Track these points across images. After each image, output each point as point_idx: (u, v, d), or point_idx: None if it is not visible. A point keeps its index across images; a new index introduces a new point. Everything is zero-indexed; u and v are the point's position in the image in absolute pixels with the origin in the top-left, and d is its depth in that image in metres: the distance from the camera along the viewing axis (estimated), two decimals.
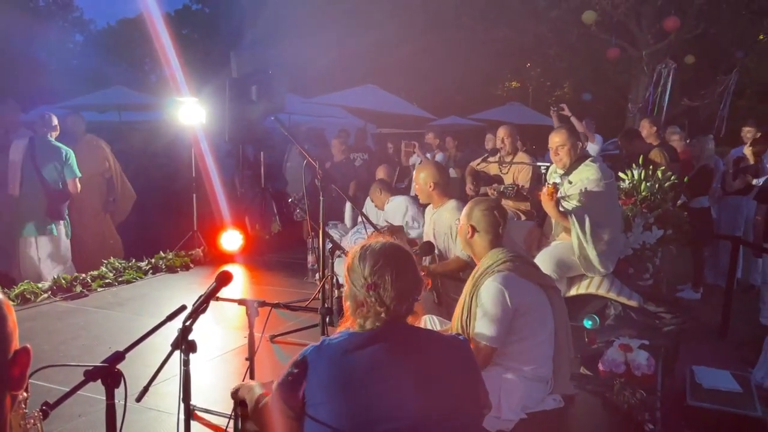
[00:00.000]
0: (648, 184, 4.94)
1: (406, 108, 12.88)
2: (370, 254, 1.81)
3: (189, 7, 28.90)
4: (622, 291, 4.10)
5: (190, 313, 2.05)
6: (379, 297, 1.74)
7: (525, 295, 2.56)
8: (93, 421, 2.83)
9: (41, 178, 5.39)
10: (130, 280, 5.48)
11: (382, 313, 1.74)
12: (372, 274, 1.77)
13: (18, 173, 5.34)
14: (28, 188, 5.37)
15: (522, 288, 2.56)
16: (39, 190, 5.38)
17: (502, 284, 2.53)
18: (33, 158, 5.37)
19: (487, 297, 2.53)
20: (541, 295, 2.64)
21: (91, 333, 4.14)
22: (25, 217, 5.39)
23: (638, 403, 2.75)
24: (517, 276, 2.58)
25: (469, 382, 1.80)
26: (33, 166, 5.36)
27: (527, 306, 2.56)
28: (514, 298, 2.51)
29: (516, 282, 2.56)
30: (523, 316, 2.55)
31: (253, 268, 6.07)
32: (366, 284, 1.77)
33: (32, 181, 5.37)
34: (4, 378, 0.97)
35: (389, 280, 1.74)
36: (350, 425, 1.64)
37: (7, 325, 0.98)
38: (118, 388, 1.72)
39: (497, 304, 2.51)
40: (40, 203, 5.39)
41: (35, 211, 5.40)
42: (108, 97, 12.24)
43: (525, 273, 2.62)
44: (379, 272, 1.76)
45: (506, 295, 2.50)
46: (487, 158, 5.49)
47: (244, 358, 2.71)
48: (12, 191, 5.37)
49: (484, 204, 2.81)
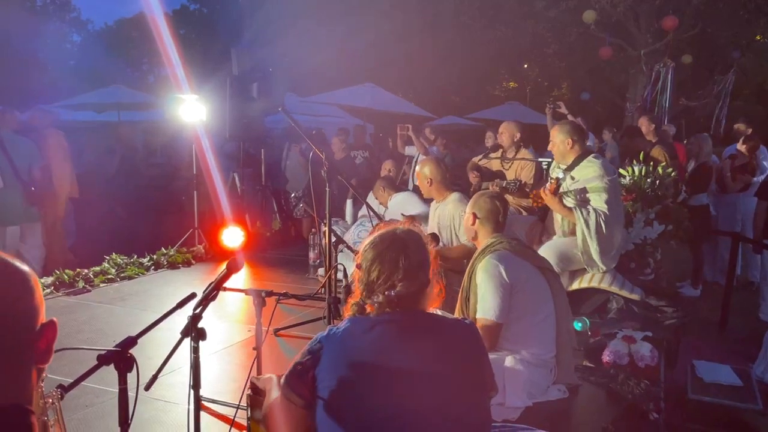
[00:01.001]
0: (649, 180, 4.98)
1: (404, 107, 12.89)
2: (380, 239, 1.83)
3: (187, 7, 28.90)
4: (624, 285, 4.13)
5: (200, 301, 2.05)
6: (385, 280, 1.75)
7: (520, 271, 2.66)
8: (100, 412, 2.83)
9: (15, 170, 5.57)
10: (132, 276, 5.48)
11: (389, 297, 1.75)
12: (379, 258, 1.78)
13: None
14: (6, 180, 5.54)
15: (517, 265, 2.67)
16: (15, 179, 5.57)
17: (497, 260, 2.66)
18: (5, 152, 5.54)
19: (485, 273, 2.64)
20: (538, 276, 2.73)
21: (94, 327, 4.15)
22: (7, 207, 5.54)
23: (643, 393, 2.78)
24: (512, 254, 2.70)
25: (474, 364, 1.81)
26: (6, 159, 5.53)
27: (523, 282, 2.66)
28: (510, 272, 2.62)
29: (511, 259, 2.68)
30: (520, 292, 2.64)
31: (254, 264, 6.08)
32: (372, 268, 1.78)
33: (7, 173, 5.54)
34: (32, 351, 0.98)
35: (396, 263, 1.75)
36: (357, 409, 1.66)
37: (34, 298, 0.99)
38: (131, 372, 1.72)
39: (494, 278, 2.62)
40: (20, 192, 5.59)
41: (16, 201, 5.58)
42: (106, 95, 12.22)
43: (521, 253, 2.74)
44: (387, 255, 1.77)
45: (501, 269, 2.61)
46: (489, 154, 5.51)
47: (252, 348, 2.72)
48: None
49: (488, 194, 2.97)
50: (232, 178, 7.03)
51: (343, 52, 14.14)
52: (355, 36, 14.10)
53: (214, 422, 2.75)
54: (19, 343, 0.96)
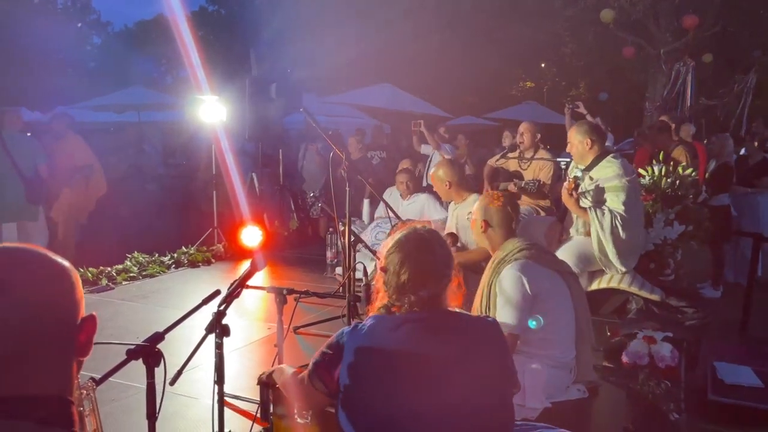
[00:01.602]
0: (669, 180, 4.94)
1: (421, 107, 12.89)
2: (405, 240, 1.85)
3: (205, 8, 29.15)
4: (643, 286, 4.10)
5: (224, 298, 2.10)
6: (416, 281, 1.77)
7: (543, 281, 2.61)
8: (126, 406, 2.89)
9: (16, 167, 5.70)
10: (153, 274, 5.57)
11: (420, 297, 1.77)
12: (408, 259, 1.80)
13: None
14: (3, 178, 5.67)
15: (540, 274, 2.61)
16: (16, 177, 5.70)
17: (520, 271, 2.58)
18: (6, 149, 5.68)
19: (507, 285, 2.58)
20: (559, 281, 2.69)
21: (118, 324, 4.23)
22: (4, 205, 5.69)
23: (663, 393, 2.76)
24: (534, 263, 2.64)
25: (498, 361, 1.82)
26: (6, 156, 5.66)
27: (546, 292, 2.61)
28: (533, 284, 2.56)
29: (534, 269, 2.61)
30: (543, 302, 2.60)
31: (272, 263, 6.13)
32: (402, 270, 1.80)
33: (7, 171, 5.67)
34: (73, 343, 1.01)
35: (425, 263, 1.78)
36: (381, 406, 1.68)
37: (76, 292, 1.02)
38: (158, 367, 1.77)
39: (517, 292, 2.56)
40: (20, 189, 5.71)
41: (16, 197, 5.71)
42: (126, 96, 12.38)
43: (542, 260, 2.68)
44: (415, 256, 1.79)
45: (525, 281, 2.55)
46: (507, 154, 5.51)
47: (273, 345, 2.76)
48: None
49: (499, 200, 2.86)
50: (251, 178, 7.10)
51: (360, 52, 14.17)
52: (372, 36, 14.13)
53: (236, 418, 2.79)
54: (62, 336, 0.99)
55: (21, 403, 0.93)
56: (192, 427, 2.78)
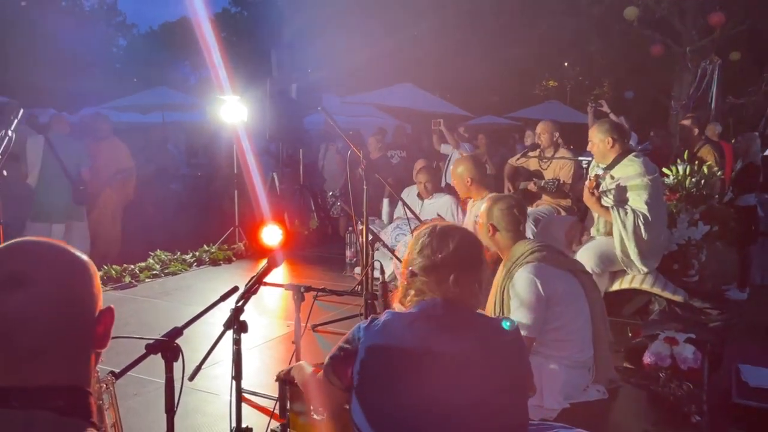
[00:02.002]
0: (693, 179, 4.86)
1: (442, 106, 12.87)
2: (426, 235, 1.84)
3: (228, 10, 29.44)
4: (666, 286, 4.04)
5: (241, 294, 2.12)
6: (430, 275, 1.76)
7: (557, 283, 2.59)
8: (146, 401, 2.94)
9: (65, 169, 5.86)
10: (175, 272, 5.65)
11: (432, 292, 1.76)
12: (425, 252, 1.80)
13: (38, 166, 5.81)
14: (54, 179, 5.83)
15: (553, 276, 2.59)
16: (64, 178, 5.86)
17: (533, 274, 2.56)
18: (54, 152, 5.83)
19: (520, 288, 2.55)
20: (572, 281, 2.66)
21: (140, 320, 4.30)
22: (54, 205, 5.85)
23: (684, 395, 2.72)
24: (547, 265, 2.61)
25: (514, 364, 1.81)
26: (55, 158, 5.81)
27: (560, 294, 2.58)
28: (546, 286, 2.54)
29: (547, 271, 2.59)
30: (558, 304, 2.57)
31: (292, 262, 6.17)
32: (419, 262, 1.80)
33: (56, 172, 5.83)
34: (91, 336, 1.03)
35: (438, 254, 1.77)
36: (393, 404, 1.68)
37: (94, 285, 1.04)
38: (177, 361, 1.79)
39: (530, 294, 2.53)
40: (68, 191, 5.88)
41: (65, 199, 5.87)
42: (151, 97, 12.56)
43: (554, 261, 2.65)
44: (431, 247, 1.78)
45: (538, 284, 2.53)
46: (527, 153, 5.46)
47: (291, 342, 2.78)
48: (32, 181, 5.83)
49: (504, 203, 2.82)
50: (272, 177, 7.15)
51: (381, 51, 14.17)
52: (393, 35, 14.12)
53: (255, 414, 2.81)
54: (81, 328, 1.01)
55: (39, 393, 0.95)
56: (211, 422, 2.81)
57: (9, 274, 0.94)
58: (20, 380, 0.95)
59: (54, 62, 16.82)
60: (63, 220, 5.90)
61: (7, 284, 0.94)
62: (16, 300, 0.93)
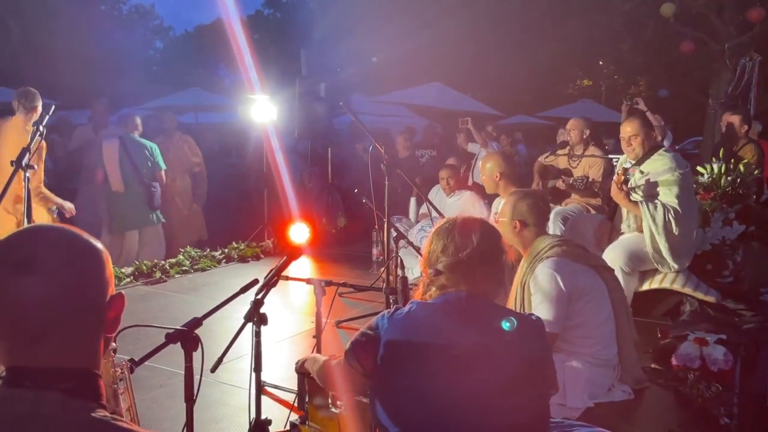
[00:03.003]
0: (729, 178, 4.72)
1: (472, 105, 12.79)
2: (448, 228, 1.83)
3: (261, 12, 29.83)
4: (698, 286, 3.94)
5: (261, 287, 2.14)
6: (456, 272, 1.75)
7: (578, 278, 2.55)
8: (171, 392, 2.99)
9: (139, 174, 5.84)
10: (204, 268, 5.75)
11: (453, 285, 1.75)
12: (448, 245, 1.79)
13: (118, 171, 5.76)
14: (129, 184, 5.82)
15: (574, 271, 2.55)
16: (138, 184, 5.85)
17: (554, 269, 2.53)
18: (129, 156, 5.80)
19: (541, 283, 2.53)
20: (594, 276, 2.61)
21: (169, 314, 4.38)
22: (131, 211, 5.85)
23: (713, 396, 2.64)
24: (568, 260, 2.58)
25: (536, 360, 1.78)
26: (130, 163, 5.79)
27: (581, 289, 2.55)
28: (567, 281, 2.51)
29: (567, 266, 2.56)
30: (579, 299, 2.54)
31: (319, 259, 6.21)
32: (443, 261, 1.79)
33: (131, 177, 5.81)
34: (102, 320, 1.06)
35: (463, 251, 1.76)
36: (413, 394, 1.67)
37: (106, 270, 1.07)
38: (196, 351, 1.82)
39: (551, 290, 2.51)
40: (142, 197, 5.86)
41: (139, 205, 5.86)
42: (185, 98, 12.81)
43: (574, 256, 2.61)
44: (454, 243, 1.78)
45: (559, 279, 2.50)
46: (557, 151, 5.39)
47: (312, 336, 2.80)
48: (116, 188, 5.79)
49: (531, 198, 2.78)
50: (300, 176, 7.21)
51: (410, 50, 14.15)
52: (421, 33, 14.08)
53: (276, 406, 2.84)
54: (91, 313, 1.04)
55: (49, 375, 0.97)
56: (233, 413, 2.85)
57: (21, 259, 0.97)
58: (31, 361, 0.97)
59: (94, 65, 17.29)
60: (137, 227, 5.94)
61: (20, 268, 0.96)
62: (28, 284, 0.96)
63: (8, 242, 1.01)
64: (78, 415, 0.95)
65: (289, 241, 5.87)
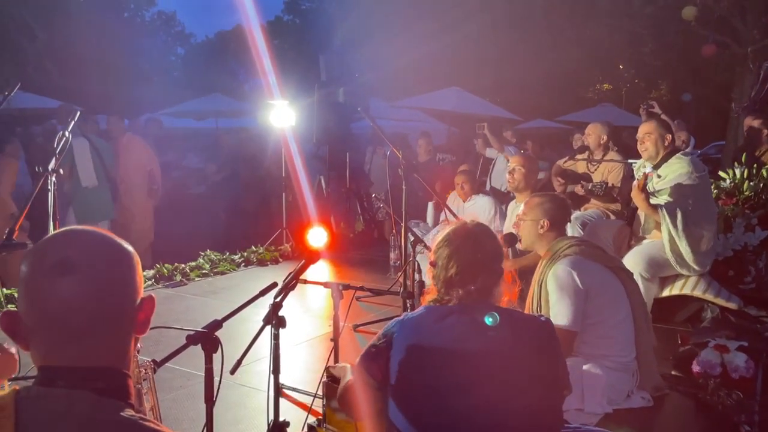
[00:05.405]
0: (752, 183, 4.66)
1: (490, 110, 12.75)
2: (453, 234, 1.86)
3: (281, 18, 30.04)
4: (720, 293, 3.89)
5: (280, 290, 2.17)
6: (464, 274, 1.77)
7: (594, 276, 2.56)
8: (192, 393, 3.04)
9: (106, 170, 6.28)
10: (224, 272, 5.81)
11: (468, 291, 1.77)
12: (456, 254, 1.81)
13: (92, 167, 6.18)
14: (99, 180, 6.24)
15: (590, 269, 2.56)
16: (105, 180, 6.29)
17: (570, 266, 2.55)
18: (98, 154, 6.22)
19: (558, 281, 2.54)
20: (611, 277, 2.62)
21: (189, 317, 4.44)
22: (99, 205, 6.28)
23: (734, 404, 2.61)
24: (584, 258, 2.59)
25: (547, 360, 1.79)
26: (99, 161, 6.21)
27: (598, 287, 2.55)
28: (584, 279, 2.51)
29: (583, 263, 2.57)
30: (596, 298, 2.54)
31: (337, 263, 6.25)
32: (450, 264, 1.81)
33: (100, 173, 6.24)
34: (133, 321, 1.09)
35: (474, 256, 1.78)
36: (427, 397, 1.69)
37: (137, 273, 1.10)
38: (216, 353, 1.85)
39: (568, 287, 2.52)
40: (107, 192, 6.33)
41: (106, 199, 6.33)
42: (206, 103, 12.95)
43: (591, 255, 2.62)
44: (463, 250, 1.80)
45: (575, 276, 2.51)
46: (575, 156, 5.36)
47: (329, 340, 2.82)
48: (90, 183, 6.18)
49: (557, 198, 2.83)
50: (318, 180, 7.26)
51: (428, 55, 14.16)
52: (440, 37, 14.08)
53: (294, 409, 2.87)
54: (124, 314, 1.07)
55: (82, 374, 1.00)
56: (252, 415, 2.88)
57: (61, 260, 1.00)
58: (67, 360, 1.01)
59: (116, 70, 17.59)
60: (108, 218, 6.33)
61: (59, 269, 0.99)
62: (67, 284, 0.99)
63: (45, 245, 1.05)
64: (108, 414, 0.98)
65: (308, 245, 5.90)
